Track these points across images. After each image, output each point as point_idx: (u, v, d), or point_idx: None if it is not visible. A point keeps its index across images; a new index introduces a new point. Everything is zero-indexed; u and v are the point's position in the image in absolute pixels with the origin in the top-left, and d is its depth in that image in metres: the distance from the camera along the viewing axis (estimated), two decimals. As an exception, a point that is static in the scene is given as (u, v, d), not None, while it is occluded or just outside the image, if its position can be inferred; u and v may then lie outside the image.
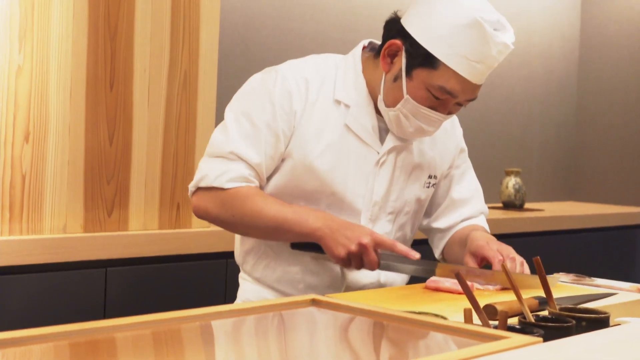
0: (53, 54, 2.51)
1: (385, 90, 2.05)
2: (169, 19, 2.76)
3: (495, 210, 4.35)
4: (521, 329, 1.41)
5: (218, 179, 2.02)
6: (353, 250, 1.92)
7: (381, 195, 2.12)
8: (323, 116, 2.06)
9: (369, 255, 1.92)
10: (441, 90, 1.97)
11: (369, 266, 1.94)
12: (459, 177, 2.31)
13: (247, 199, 2.01)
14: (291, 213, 2.00)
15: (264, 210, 2.00)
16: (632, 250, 4.88)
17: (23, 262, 2.43)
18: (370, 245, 1.92)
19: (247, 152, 2.02)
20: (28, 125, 2.48)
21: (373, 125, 2.09)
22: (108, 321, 1.34)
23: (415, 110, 2.01)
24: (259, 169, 2.04)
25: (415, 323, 1.43)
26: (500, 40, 1.94)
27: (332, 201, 2.07)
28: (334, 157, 2.06)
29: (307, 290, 2.11)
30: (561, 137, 5.40)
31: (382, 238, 1.94)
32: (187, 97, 2.82)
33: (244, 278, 2.22)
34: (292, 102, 2.04)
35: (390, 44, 2.02)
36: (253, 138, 2.02)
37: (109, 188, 2.66)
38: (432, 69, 1.96)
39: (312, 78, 2.08)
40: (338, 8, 4.02)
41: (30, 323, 2.37)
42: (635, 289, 2.07)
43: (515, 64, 5.04)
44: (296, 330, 1.49)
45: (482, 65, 1.96)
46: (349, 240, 1.92)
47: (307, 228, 1.98)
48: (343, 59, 2.15)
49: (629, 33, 5.27)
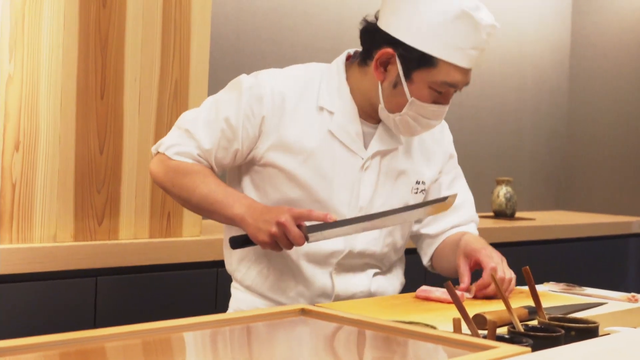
0: (43, 63, 2.51)
1: (386, 98, 2.07)
2: (159, 28, 2.76)
3: (486, 220, 4.36)
4: (510, 338, 1.41)
5: (170, 149, 2.11)
6: (274, 232, 1.92)
7: (367, 201, 2.12)
8: (306, 124, 2.09)
9: (292, 232, 1.91)
10: (444, 84, 2.02)
11: (295, 242, 1.92)
12: (449, 184, 2.32)
13: (187, 174, 2.08)
14: (221, 195, 2.04)
15: (199, 187, 2.06)
16: (622, 259, 4.89)
17: (13, 271, 2.43)
18: (288, 221, 1.91)
19: (202, 136, 2.09)
20: (18, 134, 2.48)
21: (357, 131, 2.11)
22: (98, 331, 1.34)
23: (422, 109, 2.05)
24: (207, 155, 2.10)
25: (405, 333, 1.43)
26: (487, 22, 2.00)
27: (318, 209, 2.07)
28: (317, 164, 2.08)
29: (297, 299, 2.12)
30: (552, 146, 5.42)
31: (299, 211, 1.93)
32: (178, 106, 2.82)
33: (235, 287, 2.22)
34: (262, 107, 2.07)
35: (382, 53, 2.04)
36: (212, 126, 2.09)
37: (100, 197, 2.66)
38: (431, 67, 2.01)
39: (291, 89, 2.10)
40: (330, 19, 4.03)
41: (20, 332, 2.36)
42: (625, 299, 2.07)
43: (507, 74, 5.06)
44: (286, 340, 1.49)
45: (476, 50, 2.02)
46: (268, 224, 1.93)
47: (230, 213, 2.02)
48: (327, 68, 2.18)
49: (620, 43, 5.29)
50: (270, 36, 3.80)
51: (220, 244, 2.86)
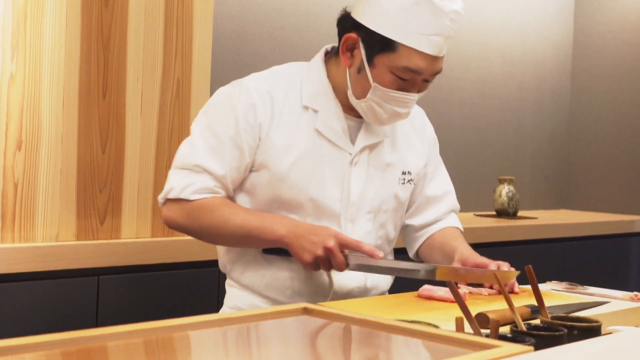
0: (46, 63, 2.51)
1: (352, 84, 2.09)
2: (162, 27, 2.76)
3: (488, 218, 4.36)
4: (513, 337, 1.41)
5: (184, 191, 2.06)
6: (319, 255, 1.95)
7: (358, 195, 2.14)
8: (292, 124, 2.10)
9: (336, 258, 1.95)
10: (405, 70, 2.02)
11: (337, 268, 1.97)
12: (432, 174, 2.35)
13: (214, 210, 2.05)
14: (257, 221, 2.04)
15: (231, 219, 2.04)
16: (625, 258, 4.88)
17: (15, 271, 2.43)
18: (335, 248, 1.95)
19: (211, 165, 2.06)
20: (20, 134, 2.48)
21: (343, 127, 2.13)
22: (100, 330, 1.34)
23: (385, 95, 2.05)
24: (223, 181, 2.08)
25: (407, 332, 1.43)
26: (450, 8, 1.99)
27: (311, 208, 2.10)
28: (307, 164, 2.09)
29: (294, 297, 2.13)
30: (554, 145, 5.41)
31: (347, 239, 1.97)
32: (180, 105, 2.82)
33: (230, 285, 2.22)
34: (257, 115, 2.07)
35: (347, 38, 2.07)
36: (218, 151, 2.06)
37: (102, 196, 2.66)
38: (391, 52, 2.01)
39: (277, 89, 2.11)
40: (331, 18, 4.01)
41: (23, 331, 2.36)
42: (627, 298, 2.07)
43: (508, 73, 5.05)
44: (288, 339, 1.49)
45: (439, 37, 2.01)
46: (314, 245, 1.96)
47: (272, 235, 2.02)
48: (307, 66, 2.19)
49: (622, 42, 5.29)
50: (272, 35, 3.79)
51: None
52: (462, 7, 2.03)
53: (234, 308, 2.19)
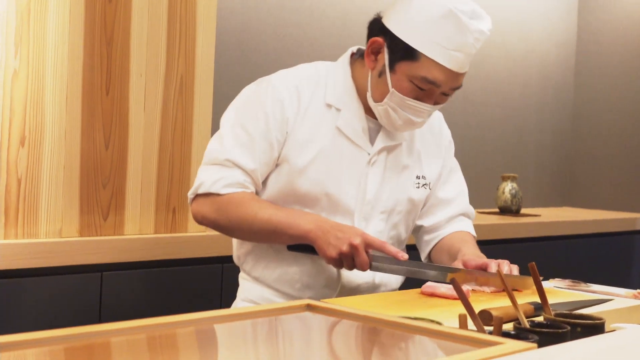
0: (49, 59, 2.51)
1: (372, 87, 2.13)
2: (165, 23, 2.76)
3: (491, 216, 4.35)
4: (516, 334, 1.41)
5: (214, 185, 2.08)
6: (344, 251, 1.97)
7: (373, 194, 2.17)
8: (315, 120, 2.13)
9: (360, 256, 1.97)
10: (424, 80, 2.04)
11: (360, 267, 1.99)
12: (446, 177, 2.37)
13: (243, 204, 2.07)
14: (284, 216, 2.06)
15: (259, 214, 2.06)
16: (628, 256, 4.88)
17: (18, 266, 2.43)
18: (361, 246, 1.96)
19: (242, 159, 2.08)
20: (24, 130, 2.48)
21: (363, 127, 2.16)
22: (103, 325, 1.34)
23: (402, 102, 2.08)
24: (254, 175, 2.10)
25: (410, 328, 1.43)
26: (476, 27, 2.02)
27: (326, 203, 2.13)
28: (326, 160, 2.12)
29: (304, 290, 2.17)
30: (557, 142, 5.41)
31: (373, 239, 1.99)
32: (184, 101, 2.82)
33: (243, 278, 2.26)
34: (284, 110, 2.10)
35: (373, 41, 2.11)
36: (248, 146, 2.09)
37: (105, 192, 2.66)
38: (413, 60, 2.04)
39: (303, 85, 2.15)
40: (334, 15, 4.02)
41: (26, 327, 2.36)
42: (631, 295, 2.07)
43: (512, 71, 5.05)
44: (291, 336, 1.49)
45: (461, 53, 2.03)
46: (340, 241, 1.97)
47: (300, 230, 2.03)
48: (333, 65, 2.23)
49: (625, 40, 5.28)
50: (276, 32, 3.79)
51: (226, 239, 2.86)
52: (489, 28, 2.05)
53: (246, 300, 2.23)
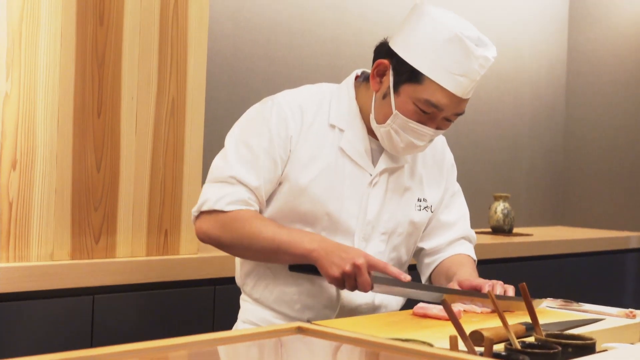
0: (40, 81, 2.51)
1: (376, 108, 2.13)
2: (156, 45, 2.77)
3: (484, 235, 4.36)
4: (507, 355, 1.41)
5: (219, 202, 2.09)
6: (347, 271, 1.97)
7: (374, 215, 2.17)
8: (318, 140, 2.14)
9: (362, 276, 1.97)
10: (427, 103, 2.05)
11: (362, 287, 1.98)
12: (448, 200, 2.37)
13: (246, 222, 2.08)
14: (287, 235, 2.06)
15: (262, 232, 2.06)
16: (620, 275, 4.88)
17: (10, 290, 2.42)
18: (363, 266, 1.96)
19: (246, 177, 2.09)
20: (15, 153, 2.47)
21: (366, 148, 2.17)
22: (95, 350, 1.33)
23: (405, 124, 2.08)
24: (258, 193, 2.11)
25: (401, 350, 1.43)
26: (481, 53, 2.04)
27: (327, 222, 2.13)
28: (328, 180, 2.13)
29: (303, 311, 2.17)
30: (549, 162, 5.42)
31: (376, 260, 1.99)
32: (175, 124, 2.82)
33: (244, 299, 2.27)
34: (288, 128, 2.12)
35: (378, 63, 2.12)
36: (252, 163, 2.10)
37: (97, 215, 2.65)
38: (417, 83, 2.05)
39: (307, 105, 2.16)
40: (325, 36, 4.04)
41: (17, 351, 2.36)
42: (623, 314, 2.07)
43: (504, 90, 5.07)
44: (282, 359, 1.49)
45: (465, 78, 2.05)
46: (343, 261, 1.97)
47: (302, 249, 2.03)
48: (337, 87, 2.24)
49: (615, 60, 5.31)
50: (267, 54, 3.80)
51: (217, 261, 2.86)
52: (494, 55, 2.08)
53: (246, 322, 2.23)
